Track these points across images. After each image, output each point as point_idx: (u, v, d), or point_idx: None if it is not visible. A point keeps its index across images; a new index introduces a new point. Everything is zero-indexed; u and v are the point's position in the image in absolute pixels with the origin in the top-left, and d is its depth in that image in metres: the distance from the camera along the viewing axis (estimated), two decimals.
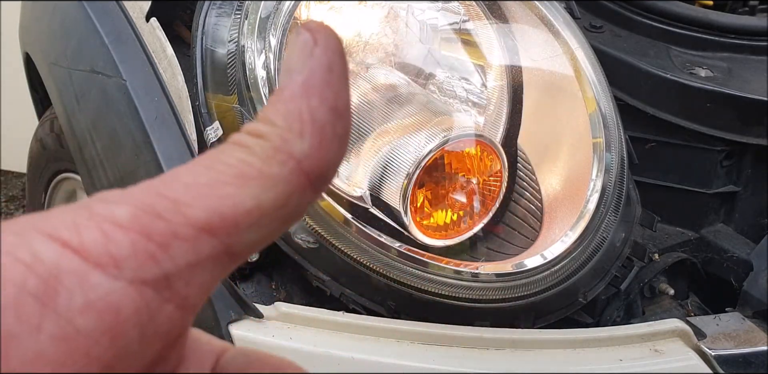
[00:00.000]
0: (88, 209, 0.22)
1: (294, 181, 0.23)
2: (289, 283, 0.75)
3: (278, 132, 0.23)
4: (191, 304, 0.22)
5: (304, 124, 0.23)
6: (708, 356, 0.73)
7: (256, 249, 0.23)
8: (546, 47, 0.88)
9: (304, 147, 0.23)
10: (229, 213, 0.22)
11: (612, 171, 0.82)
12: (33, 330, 0.19)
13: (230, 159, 0.23)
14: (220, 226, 0.22)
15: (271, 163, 0.23)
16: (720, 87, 0.94)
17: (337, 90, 0.24)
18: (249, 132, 0.24)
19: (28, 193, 1.62)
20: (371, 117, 0.77)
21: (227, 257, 0.23)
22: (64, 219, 0.21)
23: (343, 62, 0.24)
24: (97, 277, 0.20)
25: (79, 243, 0.21)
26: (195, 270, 0.22)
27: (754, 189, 0.99)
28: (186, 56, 0.82)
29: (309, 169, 0.23)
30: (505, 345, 0.71)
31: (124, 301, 0.20)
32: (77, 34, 0.98)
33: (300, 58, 0.24)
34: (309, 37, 0.24)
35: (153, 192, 0.22)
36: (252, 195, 0.22)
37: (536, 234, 0.85)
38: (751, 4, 1.18)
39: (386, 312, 0.72)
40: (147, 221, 0.21)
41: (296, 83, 0.24)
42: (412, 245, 0.74)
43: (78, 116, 0.97)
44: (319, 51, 0.24)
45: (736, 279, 0.90)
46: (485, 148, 0.77)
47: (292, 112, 0.24)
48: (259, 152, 0.23)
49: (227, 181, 0.22)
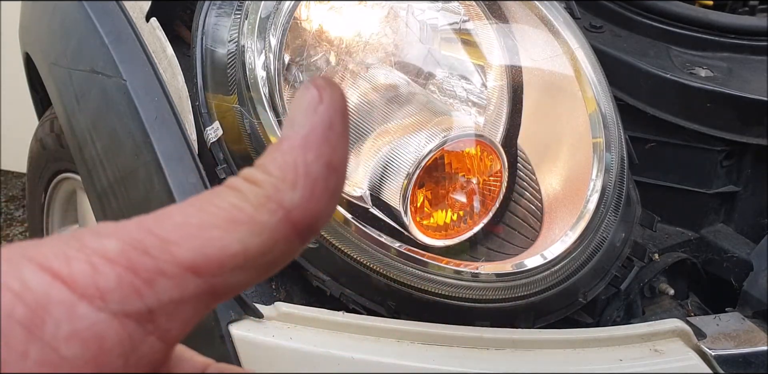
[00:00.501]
0: (79, 241, 0.22)
1: (281, 229, 0.24)
2: (289, 283, 0.75)
3: (272, 181, 0.24)
4: (173, 336, 0.23)
5: (298, 176, 0.24)
6: (708, 356, 0.73)
7: (240, 290, 0.25)
8: (546, 47, 0.88)
9: (295, 198, 0.24)
10: (215, 255, 0.23)
11: (612, 171, 0.82)
12: (19, 356, 0.20)
13: (223, 202, 0.24)
14: (205, 267, 0.23)
15: (261, 211, 0.24)
16: (720, 87, 0.94)
17: (335, 146, 0.25)
18: (245, 177, 0.25)
19: (28, 193, 1.62)
20: (371, 117, 0.77)
21: (211, 296, 0.23)
22: (55, 249, 0.22)
23: (344, 121, 0.26)
24: (83, 308, 0.21)
25: (68, 275, 0.21)
26: (178, 306, 0.23)
27: (754, 189, 0.99)
28: (186, 56, 0.82)
29: (297, 220, 0.24)
30: (505, 345, 0.71)
31: (107, 332, 0.21)
32: (77, 34, 0.98)
33: (304, 112, 0.25)
34: (315, 94, 0.25)
35: (144, 228, 0.23)
36: (239, 239, 0.23)
37: (536, 234, 0.85)
38: (751, 4, 1.18)
39: (386, 312, 0.72)
40: (134, 256, 0.22)
41: (297, 136, 0.25)
42: (412, 245, 0.74)
43: (78, 116, 0.97)
44: (323, 108, 0.25)
45: (736, 279, 0.90)
46: (485, 148, 0.77)
47: (288, 164, 0.25)
48: (252, 198, 0.24)
49: (217, 223, 0.23)
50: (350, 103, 0.78)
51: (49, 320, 0.21)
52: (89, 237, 0.23)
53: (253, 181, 0.25)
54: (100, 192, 0.91)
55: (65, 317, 0.21)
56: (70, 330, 0.21)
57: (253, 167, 0.25)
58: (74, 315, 0.21)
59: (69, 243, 0.22)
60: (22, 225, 2.31)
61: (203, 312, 0.24)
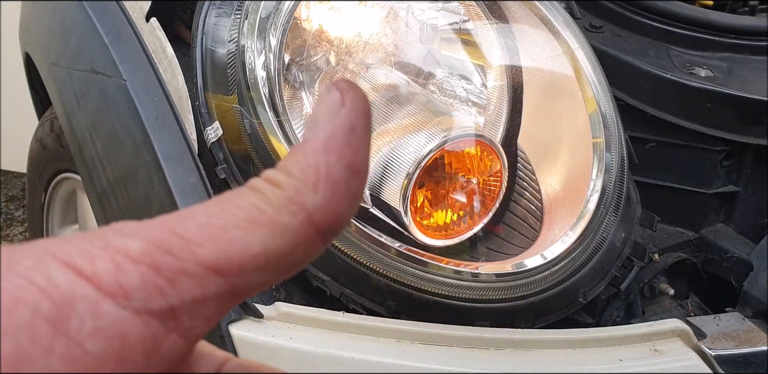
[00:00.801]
0: (103, 239, 0.23)
1: (303, 231, 0.24)
2: (289, 283, 0.75)
3: (294, 183, 0.25)
4: (195, 334, 0.24)
5: (320, 178, 0.25)
6: (708, 356, 0.73)
7: (261, 289, 0.25)
8: (546, 47, 0.88)
9: (317, 200, 0.24)
10: (237, 255, 0.23)
11: (612, 171, 0.82)
12: (45, 350, 0.21)
13: (244, 203, 0.24)
14: (227, 267, 0.23)
15: (282, 212, 0.24)
16: (720, 87, 0.94)
17: (357, 149, 0.25)
18: (267, 179, 0.25)
19: (28, 193, 1.62)
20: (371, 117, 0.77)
21: (232, 295, 0.24)
22: (79, 247, 0.22)
23: (366, 124, 0.26)
24: (107, 306, 0.22)
25: (93, 273, 0.22)
26: (200, 304, 0.23)
27: (754, 189, 0.99)
28: (186, 56, 0.82)
29: (319, 222, 0.25)
30: (505, 345, 0.71)
31: (130, 329, 0.22)
32: (77, 34, 0.98)
33: (326, 115, 0.25)
34: (338, 97, 0.26)
35: (167, 228, 0.23)
36: (261, 240, 0.24)
37: (536, 234, 0.85)
38: (751, 4, 1.18)
39: (386, 312, 0.72)
40: (158, 256, 0.23)
41: (319, 138, 0.25)
42: (412, 245, 0.74)
43: (78, 116, 0.97)
44: (345, 111, 0.25)
45: (736, 279, 0.90)
46: (485, 148, 0.77)
47: (311, 166, 0.25)
48: (273, 200, 0.24)
49: (239, 224, 0.24)
50: None
51: (74, 316, 0.21)
52: (113, 236, 0.23)
53: (274, 183, 0.25)
54: (100, 192, 0.91)
55: (89, 313, 0.21)
56: (94, 327, 0.21)
57: (275, 169, 0.25)
58: (98, 312, 0.21)
59: (93, 242, 0.23)
60: (22, 225, 2.31)
61: (225, 310, 0.24)
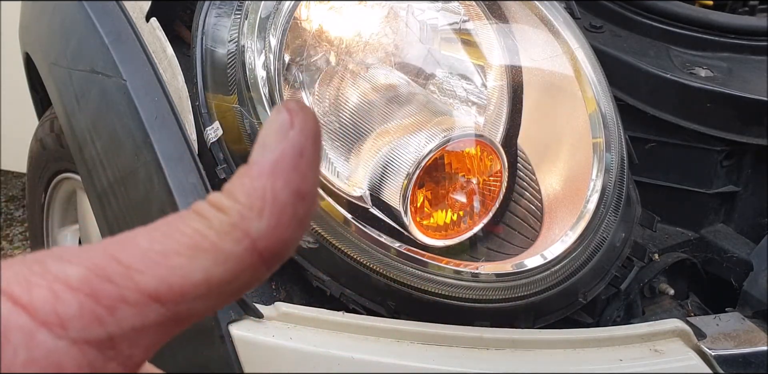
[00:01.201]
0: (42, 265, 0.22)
1: (246, 258, 0.24)
2: (289, 283, 0.75)
3: (238, 208, 0.24)
4: (134, 362, 0.23)
5: (266, 203, 0.24)
6: (708, 356, 0.73)
7: (204, 315, 0.24)
8: (546, 47, 0.87)
9: (261, 226, 0.24)
10: (178, 283, 0.23)
11: (612, 171, 0.82)
12: None
13: (187, 228, 0.24)
14: (167, 295, 0.23)
15: (225, 239, 0.24)
16: (720, 87, 0.94)
17: (304, 174, 0.25)
18: (212, 203, 0.25)
19: (28, 193, 1.62)
20: (371, 117, 0.77)
21: (173, 322, 0.23)
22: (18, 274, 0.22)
23: (315, 147, 0.25)
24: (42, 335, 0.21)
25: (29, 301, 0.21)
26: (140, 333, 0.23)
27: (754, 189, 0.99)
28: (186, 56, 0.82)
29: (263, 248, 0.24)
30: (505, 345, 0.71)
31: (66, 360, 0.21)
32: (77, 34, 0.98)
33: (275, 137, 0.25)
34: (287, 118, 0.25)
35: (108, 254, 0.23)
36: (202, 268, 0.23)
37: (536, 234, 0.85)
38: (751, 4, 1.18)
39: (386, 312, 0.72)
40: (97, 284, 0.22)
41: (266, 162, 0.24)
42: (412, 245, 0.74)
43: (78, 116, 0.97)
44: (294, 134, 0.25)
45: (736, 279, 0.90)
46: (485, 148, 0.77)
47: (256, 190, 0.24)
48: (217, 226, 0.24)
49: (181, 251, 0.23)
50: (350, 103, 0.78)
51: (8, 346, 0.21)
52: (52, 263, 0.22)
53: (219, 208, 0.24)
54: (100, 192, 0.91)
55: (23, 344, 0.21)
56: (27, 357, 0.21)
57: (221, 192, 0.25)
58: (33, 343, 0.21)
59: (32, 269, 0.22)
60: (22, 225, 2.31)
61: (166, 337, 0.24)
